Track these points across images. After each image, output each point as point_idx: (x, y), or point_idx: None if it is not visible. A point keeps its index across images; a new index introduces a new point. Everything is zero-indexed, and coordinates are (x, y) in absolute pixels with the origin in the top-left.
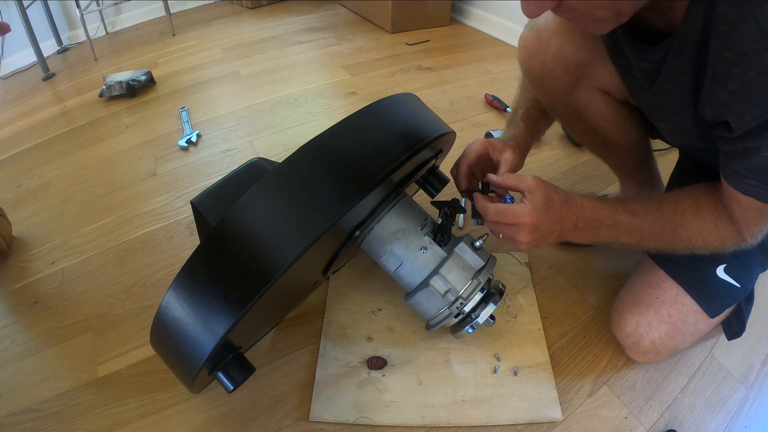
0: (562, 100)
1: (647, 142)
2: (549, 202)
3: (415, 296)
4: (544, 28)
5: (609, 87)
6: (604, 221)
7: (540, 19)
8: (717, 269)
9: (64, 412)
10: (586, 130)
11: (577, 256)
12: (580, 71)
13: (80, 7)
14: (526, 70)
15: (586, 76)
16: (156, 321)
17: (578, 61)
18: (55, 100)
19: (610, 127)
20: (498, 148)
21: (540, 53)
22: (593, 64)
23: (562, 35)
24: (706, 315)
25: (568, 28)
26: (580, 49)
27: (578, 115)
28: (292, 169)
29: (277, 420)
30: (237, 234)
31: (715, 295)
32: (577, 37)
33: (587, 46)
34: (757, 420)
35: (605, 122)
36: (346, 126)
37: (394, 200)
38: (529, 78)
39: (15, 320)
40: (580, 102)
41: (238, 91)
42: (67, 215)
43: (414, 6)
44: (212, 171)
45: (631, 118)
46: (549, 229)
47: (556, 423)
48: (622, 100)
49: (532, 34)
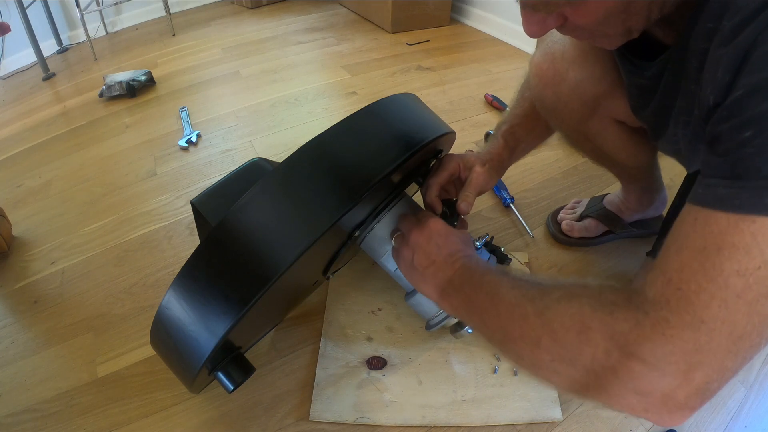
0: (574, 128)
1: (655, 158)
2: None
3: (415, 296)
4: (561, 57)
5: (624, 117)
6: (475, 278)
7: (555, 45)
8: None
9: (64, 412)
10: (594, 150)
11: (577, 256)
12: (596, 103)
13: (80, 7)
14: (539, 98)
15: (602, 107)
16: (156, 321)
17: (596, 94)
18: (55, 100)
19: (621, 152)
20: (468, 167)
21: (556, 84)
22: (611, 96)
23: (581, 67)
24: None
25: (587, 59)
26: (600, 82)
27: (589, 140)
28: (292, 169)
29: (277, 420)
30: (237, 234)
31: None
32: (597, 69)
33: (607, 79)
34: (757, 420)
35: (616, 148)
36: (346, 126)
37: (394, 200)
38: (540, 105)
39: (15, 320)
40: (593, 131)
41: (238, 91)
42: (67, 215)
43: (414, 6)
44: (212, 171)
45: (643, 143)
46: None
47: (556, 423)
48: (635, 128)
49: (546, 62)
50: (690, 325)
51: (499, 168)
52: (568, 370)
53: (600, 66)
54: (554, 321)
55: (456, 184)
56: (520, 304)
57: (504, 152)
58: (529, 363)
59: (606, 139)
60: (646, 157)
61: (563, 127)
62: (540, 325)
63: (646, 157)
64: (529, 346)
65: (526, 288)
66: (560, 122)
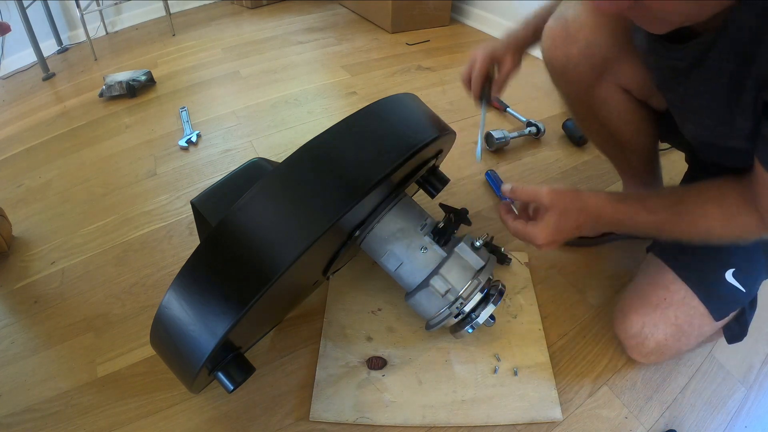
0: (581, 96)
1: (657, 146)
2: (564, 216)
3: (415, 296)
4: (573, 20)
5: (630, 85)
6: (624, 222)
7: (568, 11)
8: (726, 273)
9: (64, 412)
10: (600, 129)
11: (577, 256)
12: (604, 67)
13: (80, 7)
14: (549, 60)
15: (610, 73)
16: (156, 321)
17: (605, 56)
18: (55, 100)
19: (625, 128)
20: (497, 56)
21: (566, 45)
22: (619, 61)
23: (592, 29)
24: (712, 318)
25: (598, 23)
26: (610, 45)
27: (594, 113)
28: (292, 169)
29: (277, 420)
30: (237, 234)
31: (723, 299)
32: (607, 33)
33: (616, 43)
34: (757, 420)
35: (621, 122)
36: (346, 126)
37: (394, 200)
38: (550, 68)
39: (15, 320)
40: (599, 99)
41: (238, 91)
42: (67, 215)
43: (414, 6)
44: (212, 171)
45: (647, 120)
46: (565, 236)
47: (556, 423)
48: (640, 101)
49: (559, 25)
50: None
51: (523, 49)
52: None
53: (611, 32)
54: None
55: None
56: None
57: (529, 33)
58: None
59: (611, 109)
60: (649, 136)
61: (571, 93)
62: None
63: (649, 136)
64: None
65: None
66: (568, 86)
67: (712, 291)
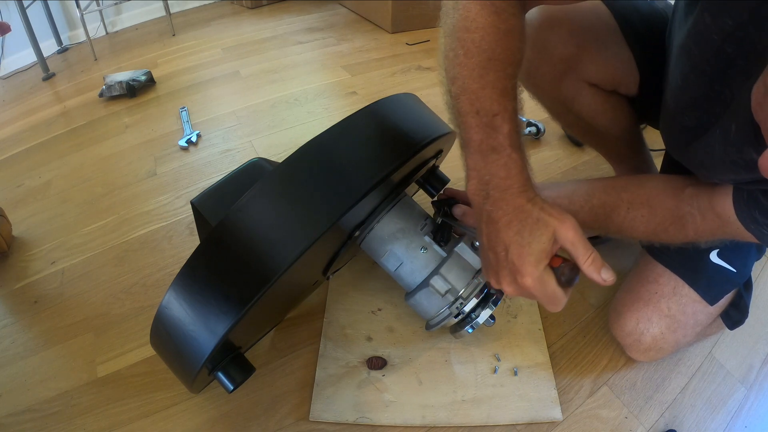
0: (551, 94)
1: (638, 130)
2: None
3: (415, 296)
4: (529, 24)
5: (596, 80)
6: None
7: (529, 14)
8: (710, 254)
9: (64, 412)
10: (577, 122)
11: None
12: (564, 66)
13: (80, 7)
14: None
15: (572, 70)
16: (156, 321)
17: (562, 56)
18: (55, 100)
19: (600, 117)
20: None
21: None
22: (578, 60)
23: (546, 30)
24: (705, 303)
25: (552, 23)
26: (565, 44)
27: (567, 107)
28: (292, 169)
29: (277, 420)
30: (237, 234)
31: (712, 280)
32: (562, 31)
33: (572, 41)
34: (757, 420)
35: (594, 113)
36: (346, 126)
37: (394, 200)
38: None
39: (15, 320)
40: (568, 95)
41: (238, 91)
42: (67, 215)
43: (414, 6)
44: (212, 171)
45: (620, 108)
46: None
47: (556, 423)
48: (609, 91)
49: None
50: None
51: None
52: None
53: (565, 29)
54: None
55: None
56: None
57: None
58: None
59: (582, 103)
60: (627, 121)
61: (541, 93)
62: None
63: (626, 121)
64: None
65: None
66: (536, 88)
67: (699, 274)
